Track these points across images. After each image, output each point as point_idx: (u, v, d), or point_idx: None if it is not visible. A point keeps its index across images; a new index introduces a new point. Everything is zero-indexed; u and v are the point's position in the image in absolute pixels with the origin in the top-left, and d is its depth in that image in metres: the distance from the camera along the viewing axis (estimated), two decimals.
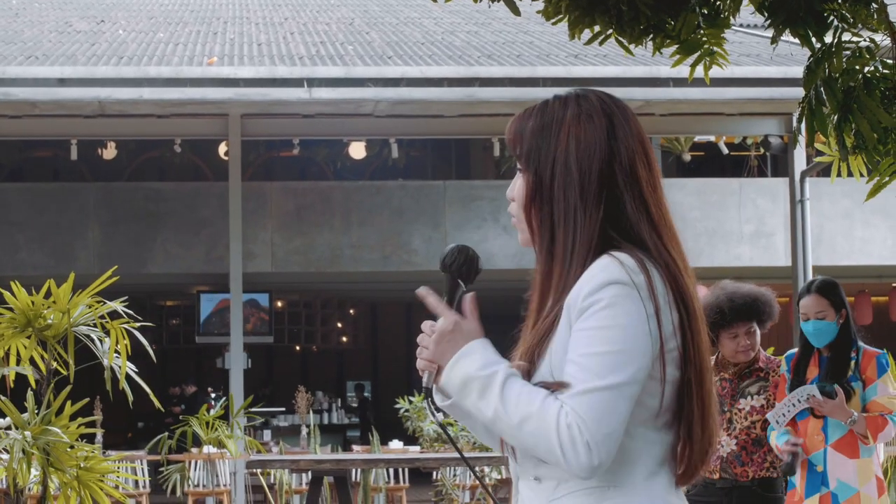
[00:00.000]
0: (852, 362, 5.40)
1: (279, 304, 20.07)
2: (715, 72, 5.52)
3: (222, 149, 18.15)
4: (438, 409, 2.37)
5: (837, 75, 4.95)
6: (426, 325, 2.33)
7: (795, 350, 5.61)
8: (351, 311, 23.21)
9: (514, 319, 2.42)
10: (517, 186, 2.37)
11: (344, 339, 23.07)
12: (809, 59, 5.01)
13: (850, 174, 5.66)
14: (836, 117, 4.99)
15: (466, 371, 2.23)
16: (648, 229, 2.29)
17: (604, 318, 2.17)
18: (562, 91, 2.39)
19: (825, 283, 5.50)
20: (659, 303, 2.21)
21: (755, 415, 5.58)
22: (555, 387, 2.19)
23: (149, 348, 5.58)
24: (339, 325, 22.86)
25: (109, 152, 19.17)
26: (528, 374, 2.26)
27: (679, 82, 12.91)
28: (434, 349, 2.28)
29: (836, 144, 5.18)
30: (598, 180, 2.28)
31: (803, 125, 5.06)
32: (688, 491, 5.50)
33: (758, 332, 5.65)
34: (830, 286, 5.48)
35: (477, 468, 12.21)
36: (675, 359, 2.24)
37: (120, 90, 13.00)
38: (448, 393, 2.27)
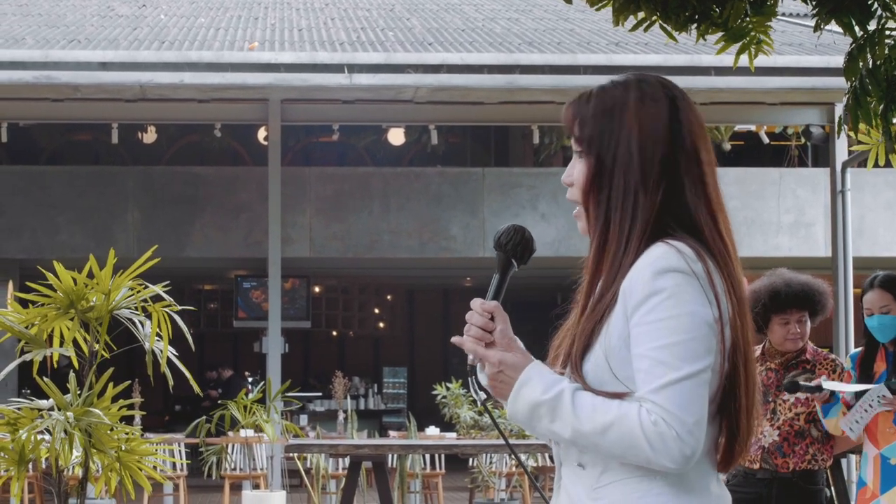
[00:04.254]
0: None
1: (317, 289, 20.11)
2: (758, 60, 5.48)
3: (262, 134, 18.19)
4: (482, 388, 2.33)
5: (881, 63, 4.92)
6: (475, 302, 2.31)
7: (860, 349, 5.57)
8: (388, 297, 23.25)
9: (551, 306, 2.41)
10: (576, 171, 2.33)
11: (381, 324, 23.11)
12: (851, 45, 4.97)
13: (888, 164, 5.62)
14: (881, 106, 4.95)
15: (530, 399, 2.19)
16: (706, 215, 2.26)
17: (668, 307, 2.14)
18: (618, 76, 2.35)
19: (888, 277, 5.46)
20: (717, 291, 2.19)
21: (799, 406, 5.54)
22: (622, 395, 2.17)
23: (187, 333, 5.59)
24: (377, 310, 22.90)
25: (149, 136, 19.26)
26: (578, 363, 2.23)
27: (721, 71, 12.83)
28: (493, 390, 2.26)
29: (878, 133, 5.14)
30: (660, 164, 2.25)
31: (847, 115, 5.02)
32: (728, 480, 5.45)
33: (808, 322, 5.61)
34: (894, 280, 5.43)
35: (512, 455, 12.21)
36: (727, 349, 2.22)
37: (161, 74, 13.04)
38: (519, 425, 2.24)
